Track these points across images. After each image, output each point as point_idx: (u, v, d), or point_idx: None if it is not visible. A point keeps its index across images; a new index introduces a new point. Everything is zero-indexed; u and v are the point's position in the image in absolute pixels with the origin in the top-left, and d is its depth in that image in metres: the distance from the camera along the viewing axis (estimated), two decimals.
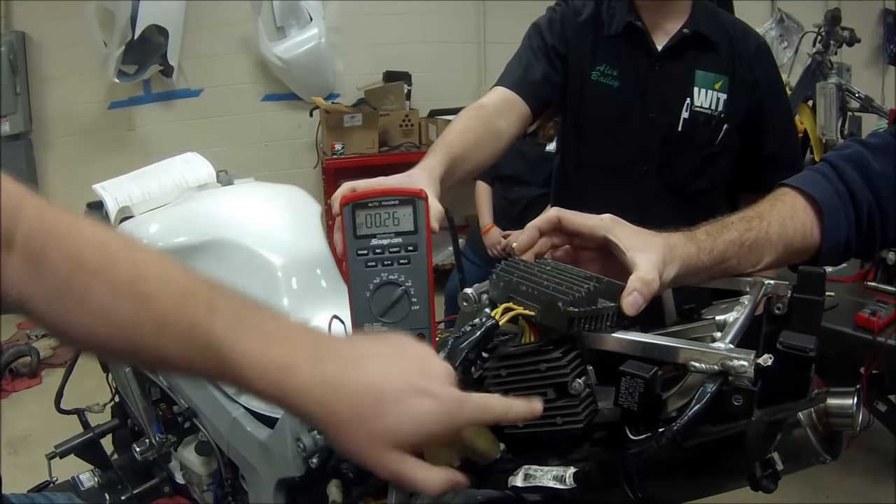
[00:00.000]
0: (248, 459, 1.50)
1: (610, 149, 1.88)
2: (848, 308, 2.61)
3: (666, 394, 0.81)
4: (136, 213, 1.84)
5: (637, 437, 0.79)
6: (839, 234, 1.00)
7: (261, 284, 1.66)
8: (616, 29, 1.84)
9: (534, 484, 0.79)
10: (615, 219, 0.93)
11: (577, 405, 0.81)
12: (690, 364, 0.77)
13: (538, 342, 0.83)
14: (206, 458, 1.74)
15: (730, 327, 0.84)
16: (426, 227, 0.99)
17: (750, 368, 0.74)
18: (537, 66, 1.84)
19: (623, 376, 0.78)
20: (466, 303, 0.91)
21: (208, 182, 2.11)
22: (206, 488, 1.77)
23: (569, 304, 0.78)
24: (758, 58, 1.84)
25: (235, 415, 1.56)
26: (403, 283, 0.99)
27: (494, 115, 1.72)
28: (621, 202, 1.78)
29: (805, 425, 0.79)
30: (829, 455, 0.80)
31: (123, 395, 2.15)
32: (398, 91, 5.60)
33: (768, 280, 0.94)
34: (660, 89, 1.83)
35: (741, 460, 0.79)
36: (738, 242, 0.96)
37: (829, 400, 0.79)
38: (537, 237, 0.98)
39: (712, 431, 0.77)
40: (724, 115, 1.80)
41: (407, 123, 5.49)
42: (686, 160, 1.84)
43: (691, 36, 1.80)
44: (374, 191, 1.00)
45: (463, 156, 1.54)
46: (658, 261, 0.87)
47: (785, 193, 1.03)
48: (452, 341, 0.80)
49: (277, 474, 1.33)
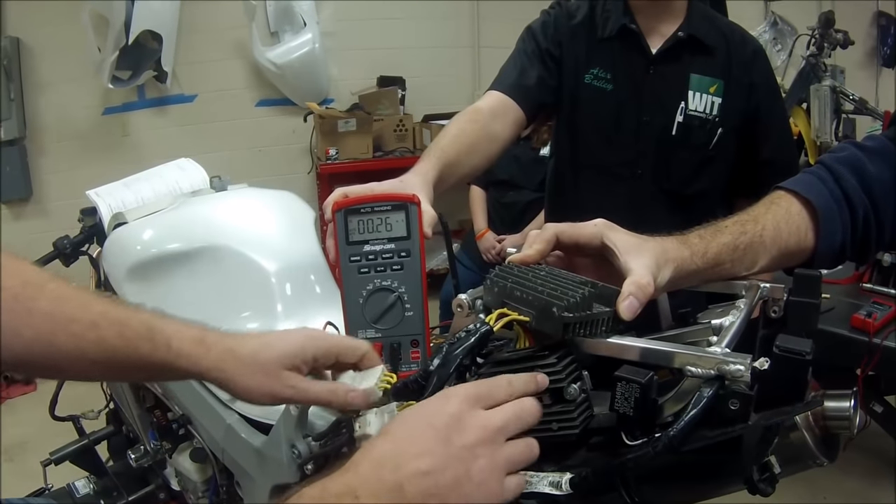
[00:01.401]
0: (242, 466, 1.49)
1: (604, 152, 1.88)
2: (844, 310, 2.61)
3: (662, 398, 0.80)
4: (130, 218, 1.83)
5: (633, 443, 0.78)
6: (834, 238, 1.00)
7: (254, 290, 1.66)
8: (610, 32, 1.84)
9: (530, 490, 0.79)
10: (608, 224, 0.93)
11: (572, 410, 0.81)
12: (686, 368, 0.77)
13: (533, 348, 0.83)
14: (201, 465, 1.73)
15: (726, 331, 0.83)
16: (419, 233, 0.99)
17: (746, 372, 0.74)
18: (531, 70, 1.84)
19: (619, 381, 0.77)
20: (461, 308, 0.91)
21: (202, 188, 2.11)
22: (202, 495, 1.77)
23: (564, 310, 0.77)
24: (754, 61, 1.84)
25: (230, 421, 1.55)
26: (397, 290, 0.98)
27: (489, 119, 1.72)
28: (616, 205, 1.79)
29: (802, 428, 0.79)
30: (826, 458, 0.80)
31: (118, 402, 2.15)
32: (392, 96, 5.59)
33: (764, 283, 0.94)
34: (654, 92, 1.83)
35: (738, 464, 0.79)
36: (732, 246, 0.95)
37: (826, 402, 0.79)
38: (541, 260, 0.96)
39: (709, 436, 0.77)
40: (718, 119, 1.80)
41: (401, 128, 5.49)
42: (681, 163, 1.84)
43: (686, 39, 1.80)
44: (367, 196, 1.00)
45: (457, 160, 1.54)
46: (652, 265, 0.87)
47: (780, 196, 1.03)
48: (447, 347, 0.80)
49: (272, 481, 1.33)
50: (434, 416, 0.74)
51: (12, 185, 5.12)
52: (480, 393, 0.76)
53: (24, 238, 4.87)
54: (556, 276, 0.86)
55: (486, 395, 0.76)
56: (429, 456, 0.70)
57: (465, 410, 0.74)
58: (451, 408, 0.74)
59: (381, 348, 0.99)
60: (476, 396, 0.76)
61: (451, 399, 0.75)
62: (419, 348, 0.99)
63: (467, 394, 0.75)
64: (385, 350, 0.99)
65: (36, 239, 3.86)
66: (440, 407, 0.74)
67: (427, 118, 5.55)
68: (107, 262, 1.85)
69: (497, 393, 0.77)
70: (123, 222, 1.83)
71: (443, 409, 0.74)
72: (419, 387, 0.81)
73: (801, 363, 0.77)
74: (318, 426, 1.24)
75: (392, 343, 0.99)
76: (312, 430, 1.24)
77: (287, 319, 1.61)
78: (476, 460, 0.72)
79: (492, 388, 0.77)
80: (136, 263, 1.73)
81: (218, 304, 1.67)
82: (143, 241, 1.76)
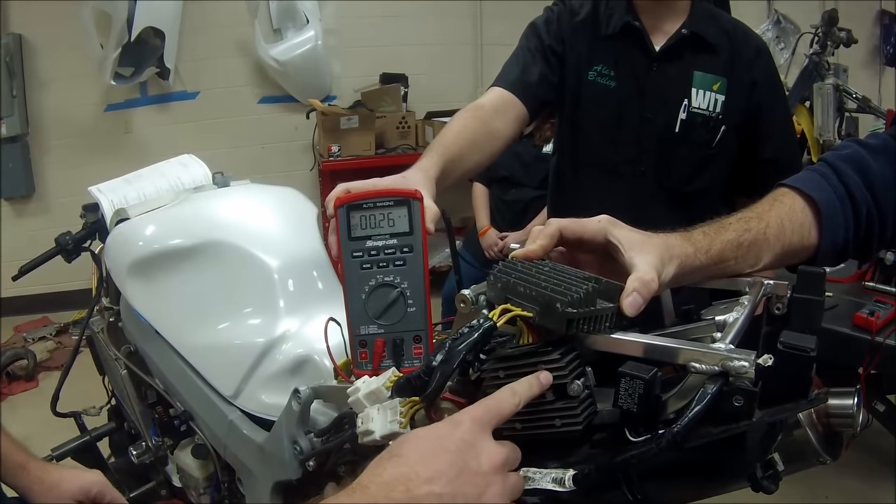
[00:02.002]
0: (244, 462, 1.49)
1: (607, 149, 1.88)
2: (846, 308, 2.61)
3: (666, 395, 0.80)
4: (132, 215, 1.83)
5: (637, 439, 0.78)
6: (837, 235, 1.00)
7: (257, 286, 1.65)
8: (614, 29, 1.83)
9: (533, 486, 0.79)
10: (612, 220, 0.92)
11: (576, 407, 0.81)
12: (690, 365, 0.76)
13: (536, 343, 0.82)
14: (202, 461, 1.73)
15: (730, 328, 0.83)
16: (421, 228, 0.99)
17: (750, 369, 0.73)
18: (534, 67, 1.84)
19: (622, 377, 0.77)
20: (464, 304, 0.91)
21: (204, 184, 2.11)
22: (203, 491, 1.77)
23: (567, 306, 0.77)
24: (757, 60, 1.83)
25: (232, 417, 1.55)
26: (399, 285, 0.98)
27: (491, 115, 1.71)
28: (618, 203, 1.78)
29: (806, 425, 0.79)
30: (829, 455, 0.80)
31: (120, 399, 2.15)
32: (395, 93, 5.59)
33: (768, 280, 0.94)
34: (657, 90, 1.82)
35: (742, 461, 0.79)
36: (736, 243, 0.95)
37: (829, 400, 0.79)
38: (544, 256, 0.96)
39: (713, 432, 0.76)
40: (721, 117, 1.80)
41: (403, 125, 5.49)
42: (683, 161, 1.84)
43: (689, 37, 1.80)
44: (369, 192, 0.99)
45: (459, 156, 1.53)
46: (656, 261, 0.86)
47: (783, 194, 1.03)
48: (450, 343, 0.79)
49: (274, 477, 1.33)
50: (446, 439, 0.73)
51: (14, 181, 5.13)
52: (490, 413, 0.76)
53: (27, 235, 4.88)
54: (560, 271, 0.86)
55: (496, 413, 0.77)
56: (442, 479, 0.70)
57: (478, 435, 0.74)
58: (463, 433, 0.74)
59: (384, 344, 0.99)
60: (486, 419, 0.76)
61: (462, 424, 0.75)
62: (422, 344, 0.99)
63: (478, 417, 0.75)
64: (388, 346, 0.99)
65: (38, 235, 3.87)
66: (451, 431, 0.74)
67: (429, 115, 5.55)
68: (109, 259, 1.85)
69: (505, 408, 0.77)
70: (125, 218, 1.83)
71: (454, 434, 0.74)
72: (422, 383, 0.80)
73: (804, 360, 0.77)
74: (320, 422, 1.25)
75: (395, 339, 0.99)
76: (314, 426, 1.24)
77: (289, 315, 1.61)
78: (489, 487, 0.72)
79: (500, 405, 0.77)
80: (138, 259, 1.73)
81: (220, 300, 1.67)
82: (145, 237, 1.76)
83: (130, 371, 1.90)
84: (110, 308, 2.06)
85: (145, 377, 1.83)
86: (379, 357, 0.99)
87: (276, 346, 1.57)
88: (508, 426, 0.83)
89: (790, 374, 0.77)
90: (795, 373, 0.77)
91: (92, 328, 2.14)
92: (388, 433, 0.84)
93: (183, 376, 1.69)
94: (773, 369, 0.75)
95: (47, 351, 4.66)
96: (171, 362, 1.71)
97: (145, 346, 1.83)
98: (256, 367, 1.56)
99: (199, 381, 1.65)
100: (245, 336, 1.60)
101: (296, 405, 1.20)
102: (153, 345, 1.78)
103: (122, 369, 1.92)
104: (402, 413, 0.84)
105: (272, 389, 1.52)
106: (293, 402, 1.20)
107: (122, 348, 1.95)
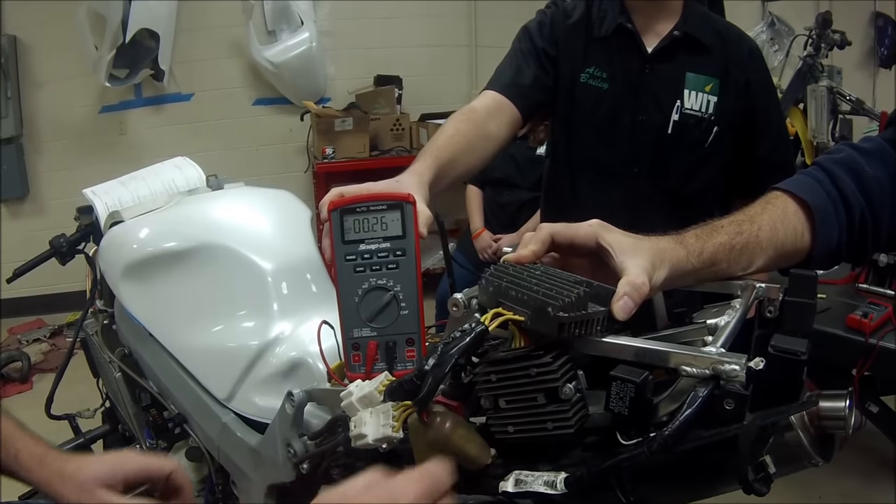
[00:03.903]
0: (238, 465, 1.49)
1: (601, 151, 1.88)
2: (839, 310, 2.61)
3: (657, 398, 0.80)
4: (127, 217, 1.83)
5: (628, 442, 0.78)
6: (830, 238, 1.00)
7: (251, 289, 1.65)
8: (606, 31, 1.84)
9: (525, 489, 0.79)
10: (603, 224, 0.92)
11: (567, 410, 0.81)
12: (682, 368, 0.77)
13: (528, 347, 0.82)
14: (196, 464, 1.73)
15: (721, 331, 0.83)
16: (414, 232, 0.99)
17: (742, 372, 0.74)
18: (527, 70, 1.84)
19: (614, 381, 0.77)
20: (456, 308, 0.91)
21: (198, 186, 2.11)
22: (197, 494, 1.76)
23: (559, 309, 0.77)
24: (750, 60, 1.84)
25: (226, 420, 1.55)
26: (392, 288, 0.98)
27: (485, 118, 1.71)
28: (612, 204, 1.79)
29: (797, 428, 0.79)
30: (821, 457, 0.80)
31: (114, 401, 2.14)
32: (389, 95, 5.60)
33: (760, 283, 0.94)
34: (650, 91, 1.83)
35: (733, 464, 0.79)
36: (728, 246, 0.95)
37: (821, 402, 0.79)
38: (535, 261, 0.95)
39: (704, 436, 0.77)
40: (714, 118, 1.80)
41: (398, 127, 5.49)
42: (677, 162, 1.84)
43: (682, 38, 1.80)
44: (362, 196, 1.00)
45: (453, 160, 1.54)
46: (647, 265, 0.86)
47: (776, 197, 1.03)
48: (442, 346, 0.80)
49: (268, 480, 1.33)
50: None
51: (9, 183, 5.12)
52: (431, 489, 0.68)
53: (21, 236, 4.87)
54: (552, 275, 0.86)
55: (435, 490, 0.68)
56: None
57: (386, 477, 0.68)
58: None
59: (377, 347, 0.99)
60: (428, 493, 0.67)
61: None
62: (414, 347, 0.99)
63: (419, 492, 0.67)
64: (381, 349, 0.99)
65: (32, 237, 3.86)
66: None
67: (424, 117, 5.56)
68: (103, 261, 1.85)
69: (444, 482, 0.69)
70: (120, 221, 1.83)
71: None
72: (414, 387, 0.80)
73: (796, 363, 0.77)
74: (313, 425, 1.25)
75: (387, 342, 0.99)
76: (308, 428, 1.24)
77: (283, 318, 1.61)
78: None
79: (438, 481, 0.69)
80: (132, 262, 1.73)
81: (214, 303, 1.67)
82: (139, 239, 1.76)
83: (124, 373, 1.89)
84: (104, 310, 2.06)
85: (139, 380, 1.83)
86: (372, 360, 1.00)
87: (270, 348, 1.57)
88: (500, 429, 0.83)
89: (782, 377, 0.77)
90: (787, 376, 0.77)
91: (86, 330, 2.14)
92: (380, 437, 0.85)
93: (177, 379, 1.68)
94: (765, 373, 0.75)
95: (41, 353, 4.66)
96: (166, 365, 1.71)
97: (139, 349, 1.82)
98: (250, 369, 1.56)
99: (193, 384, 1.64)
100: (239, 339, 1.60)
101: (289, 408, 1.19)
102: (147, 347, 1.77)
103: (117, 372, 1.92)
104: (395, 417, 0.84)
105: (266, 392, 1.52)
106: (287, 405, 1.20)
107: (117, 351, 1.94)
